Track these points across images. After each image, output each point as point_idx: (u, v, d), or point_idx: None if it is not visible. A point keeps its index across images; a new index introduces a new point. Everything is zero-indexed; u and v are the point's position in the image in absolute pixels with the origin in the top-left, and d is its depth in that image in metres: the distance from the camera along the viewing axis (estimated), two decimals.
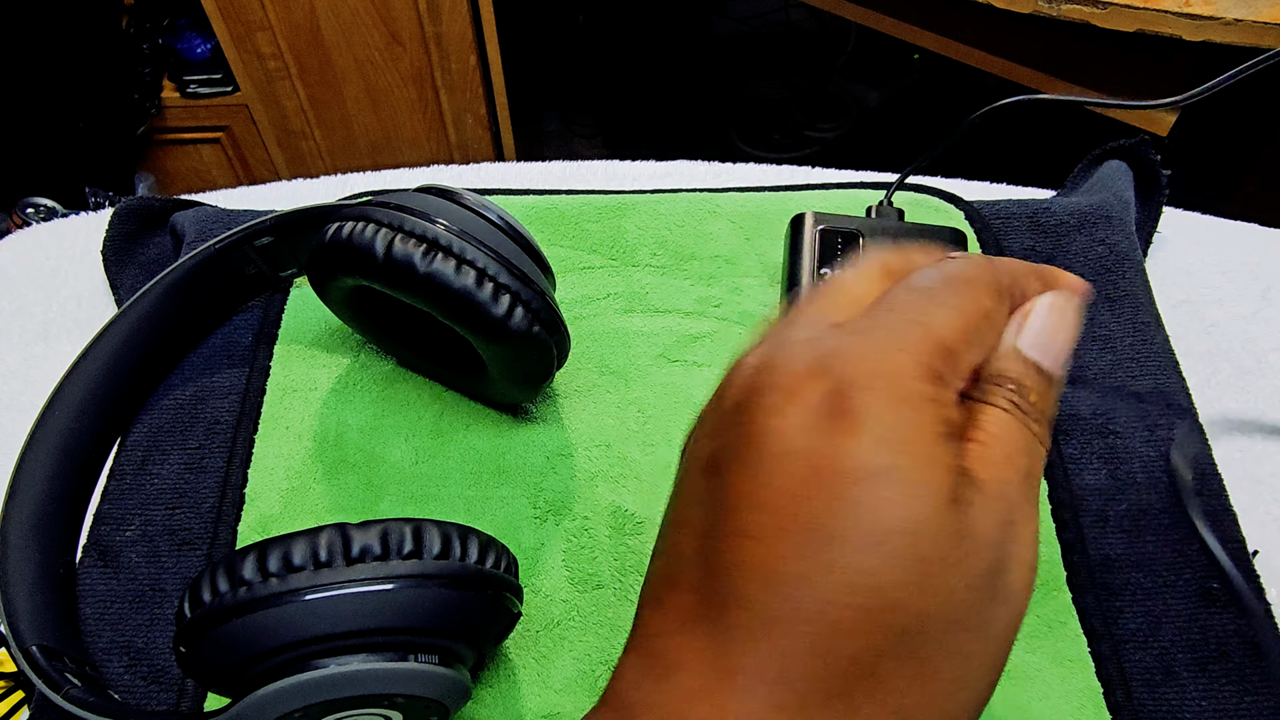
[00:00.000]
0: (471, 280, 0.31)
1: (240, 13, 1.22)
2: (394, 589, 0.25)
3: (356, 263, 0.32)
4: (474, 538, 0.27)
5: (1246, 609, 0.32)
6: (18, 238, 0.52)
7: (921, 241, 0.41)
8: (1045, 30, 0.85)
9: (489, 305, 0.31)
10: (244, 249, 0.40)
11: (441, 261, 0.31)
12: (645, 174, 0.52)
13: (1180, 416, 0.39)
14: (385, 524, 0.26)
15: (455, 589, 0.26)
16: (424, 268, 0.31)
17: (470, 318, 0.31)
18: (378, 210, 0.32)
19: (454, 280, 0.31)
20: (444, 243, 0.31)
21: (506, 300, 0.31)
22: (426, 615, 0.26)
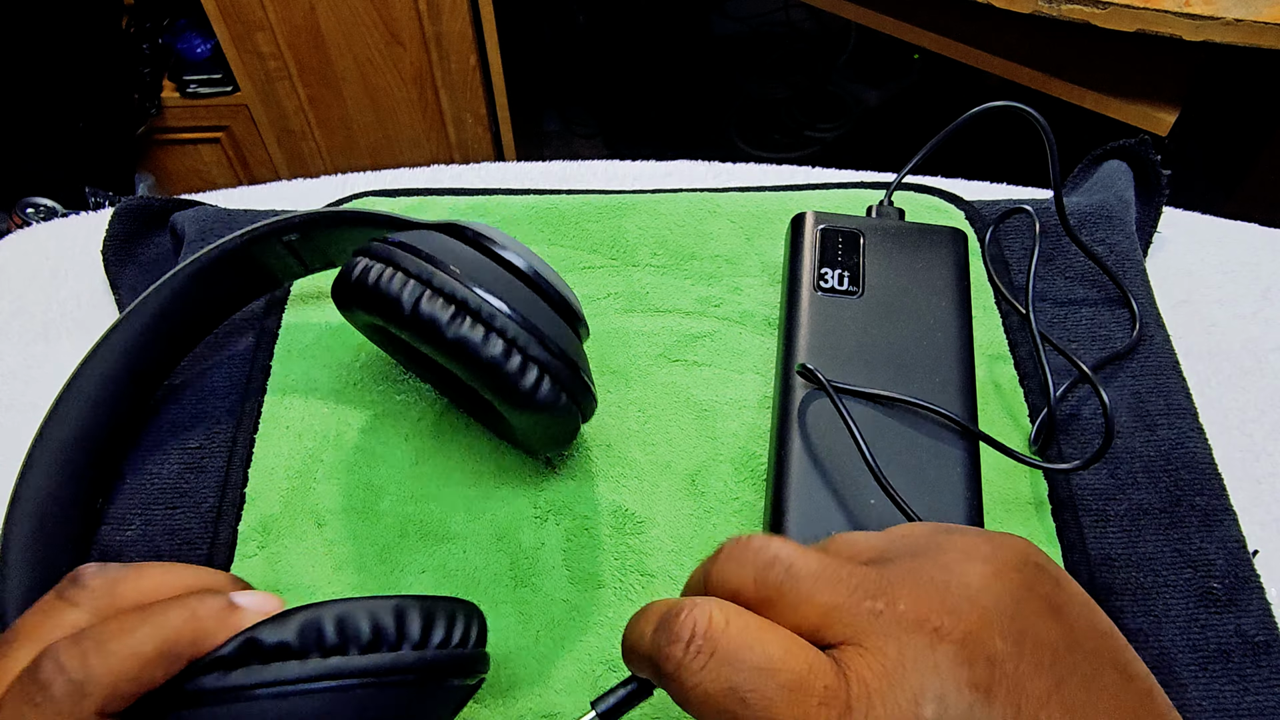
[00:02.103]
0: (499, 351, 0.30)
1: (240, 13, 1.22)
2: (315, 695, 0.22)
3: (380, 310, 0.30)
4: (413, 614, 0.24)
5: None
6: (18, 238, 0.52)
7: (922, 241, 0.41)
8: (1045, 30, 0.85)
9: (516, 378, 0.30)
10: (271, 243, 0.39)
11: (470, 328, 0.29)
12: (645, 174, 0.52)
13: (1180, 416, 0.39)
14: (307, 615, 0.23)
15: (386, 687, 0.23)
16: (451, 333, 0.29)
17: (496, 388, 0.30)
18: (406, 257, 0.30)
19: (482, 350, 0.29)
20: (473, 306, 0.30)
21: (534, 373, 0.30)
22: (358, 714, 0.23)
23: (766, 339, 0.41)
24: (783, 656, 0.19)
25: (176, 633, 0.22)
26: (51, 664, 0.21)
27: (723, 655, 0.20)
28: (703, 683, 0.19)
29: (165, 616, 0.22)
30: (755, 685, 0.19)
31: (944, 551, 0.21)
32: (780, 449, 0.35)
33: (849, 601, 0.20)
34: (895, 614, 0.20)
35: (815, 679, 0.19)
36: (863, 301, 0.39)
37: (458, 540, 0.36)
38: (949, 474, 0.34)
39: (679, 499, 0.37)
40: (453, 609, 0.25)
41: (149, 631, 0.21)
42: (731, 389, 0.40)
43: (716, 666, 0.19)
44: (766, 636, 0.20)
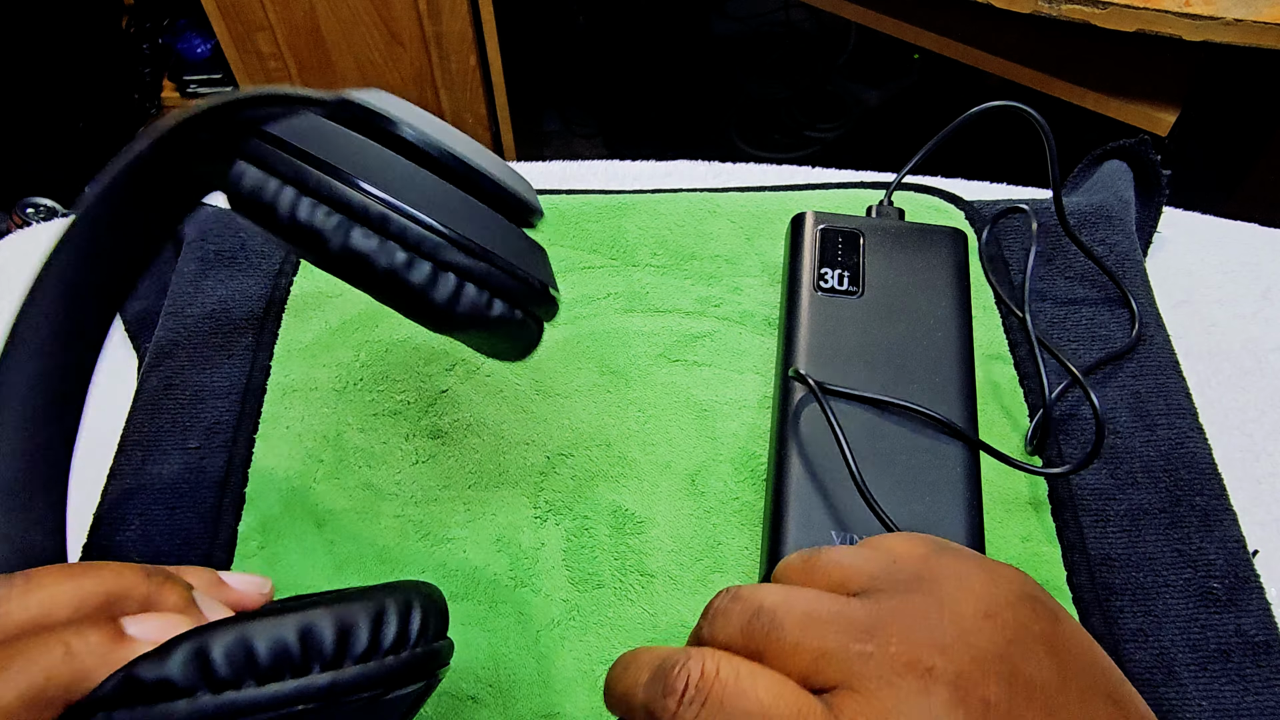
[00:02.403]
0: (401, 260, 0.24)
1: (240, 13, 1.22)
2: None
3: (262, 220, 0.24)
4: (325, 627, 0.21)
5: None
6: (18, 238, 0.52)
7: (922, 241, 0.41)
8: (1045, 30, 0.85)
9: (428, 291, 0.24)
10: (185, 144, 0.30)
11: (361, 238, 0.23)
12: (645, 174, 0.52)
13: (1181, 416, 0.39)
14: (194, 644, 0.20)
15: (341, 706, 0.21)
16: (338, 244, 0.23)
17: (407, 307, 0.25)
18: (280, 156, 0.24)
19: (379, 260, 0.23)
20: (359, 208, 0.23)
21: (451, 282, 0.24)
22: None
23: (766, 339, 0.41)
24: (773, 701, 0.19)
25: (48, 676, 0.19)
26: None
27: (714, 703, 0.19)
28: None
29: (33, 656, 0.19)
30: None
31: (938, 584, 0.21)
32: (780, 449, 0.35)
33: (838, 645, 0.20)
34: (887, 655, 0.19)
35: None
36: (863, 301, 0.39)
37: (457, 540, 0.36)
38: (948, 475, 0.34)
39: (679, 499, 0.37)
40: (381, 605, 0.22)
41: (17, 677, 0.19)
42: (731, 389, 0.40)
43: (709, 714, 0.19)
44: (758, 683, 0.20)
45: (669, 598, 0.34)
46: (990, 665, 0.19)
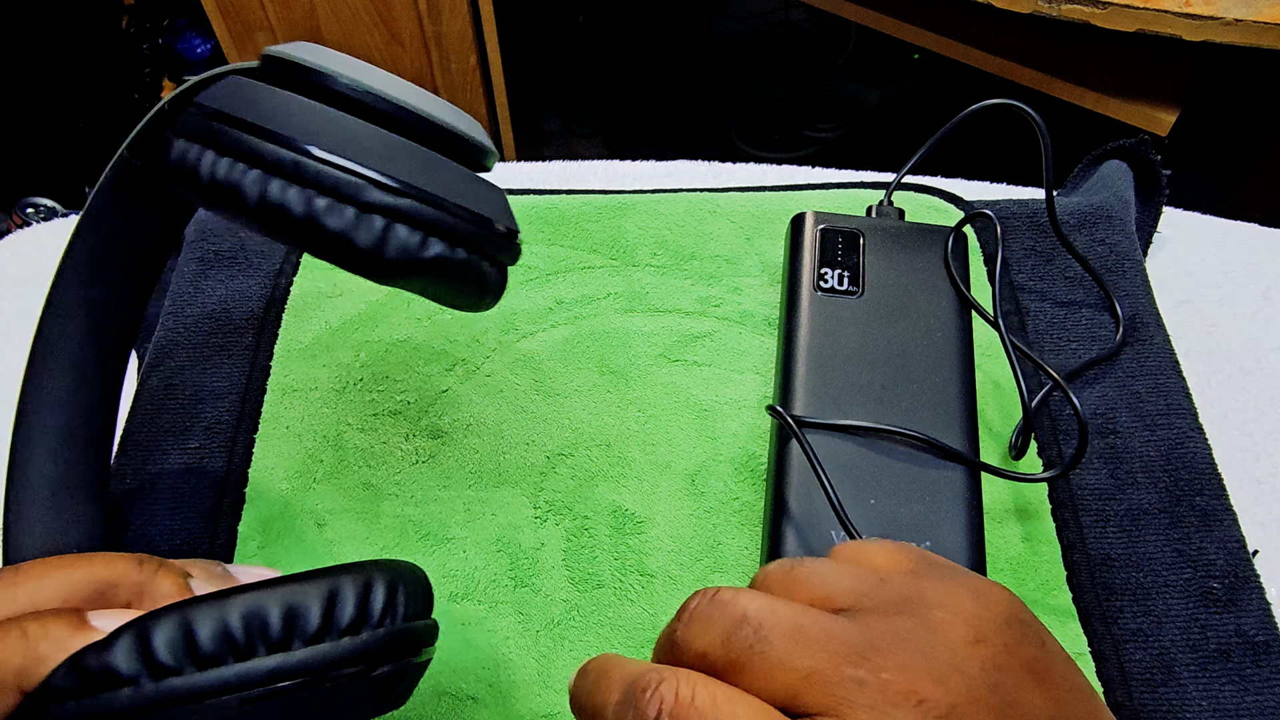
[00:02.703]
0: (320, 205, 0.22)
1: (240, 12, 1.22)
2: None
3: (191, 187, 0.24)
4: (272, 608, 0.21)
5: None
6: (18, 238, 0.52)
7: (922, 241, 0.41)
8: (1045, 30, 0.85)
9: (350, 234, 0.22)
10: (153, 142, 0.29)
11: (279, 189, 0.22)
12: (645, 174, 0.52)
13: (1180, 416, 0.39)
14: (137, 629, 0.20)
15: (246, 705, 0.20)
16: (254, 197, 0.22)
17: (336, 255, 0.23)
18: (199, 123, 0.23)
19: (295, 208, 0.22)
20: (271, 159, 0.22)
21: (377, 224, 0.23)
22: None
23: (766, 339, 0.41)
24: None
25: (2, 661, 0.19)
26: None
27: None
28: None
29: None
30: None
31: (927, 607, 0.20)
32: (780, 450, 0.35)
33: (829, 667, 0.19)
34: (880, 683, 0.18)
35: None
36: (863, 301, 0.39)
37: (457, 541, 0.36)
38: (948, 478, 0.34)
39: (679, 499, 0.37)
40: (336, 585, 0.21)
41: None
42: (731, 389, 0.40)
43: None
44: (736, 710, 0.18)
45: (669, 598, 0.34)
46: (983, 697, 0.19)
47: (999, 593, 0.21)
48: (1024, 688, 0.19)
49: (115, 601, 0.22)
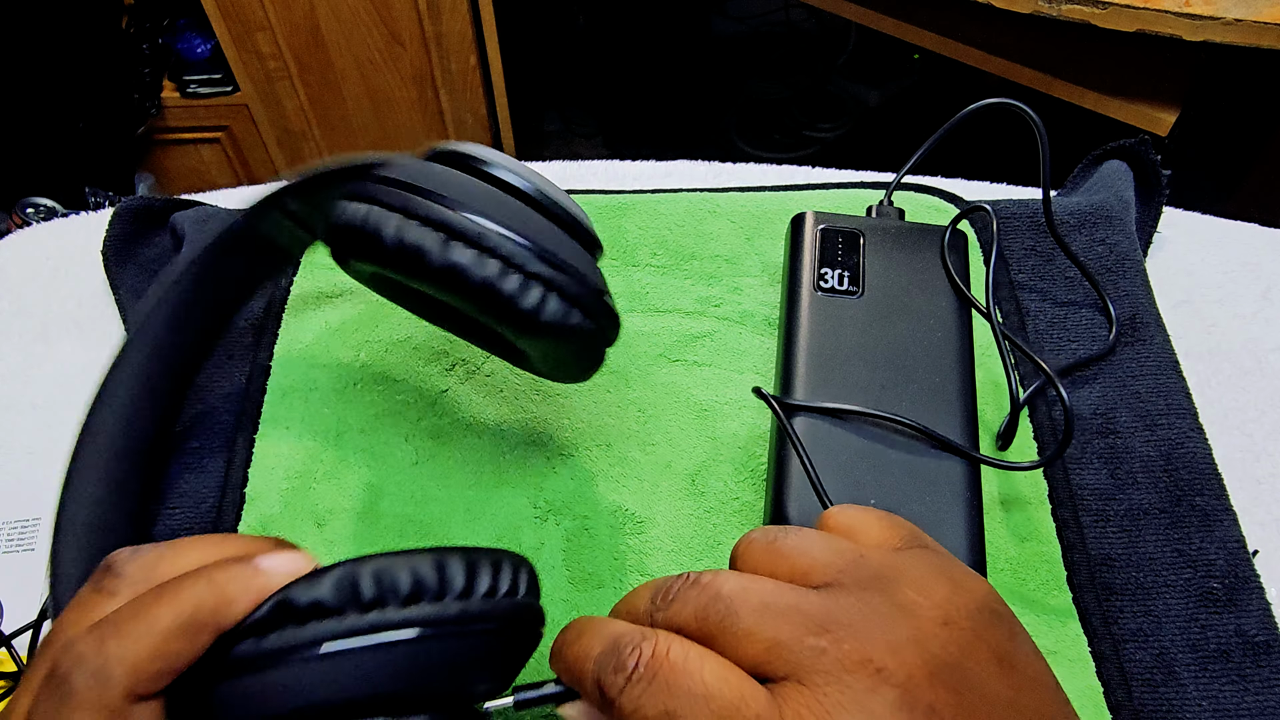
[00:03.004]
0: (494, 270, 0.27)
1: (240, 12, 1.22)
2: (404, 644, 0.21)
3: (366, 251, 0.28)
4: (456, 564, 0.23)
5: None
6: (18, 238, 0.52)
7: (922, 241, 0.41)
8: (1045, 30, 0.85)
9: (517, 298, 0.27)
10: (273, 215, 0.36)
11: (460, 251, 0.27)
12: (645, 174, 0.52)
13: (1180, 416, 0.39)
14: (342, 571, 0.22)
15: (430, 641, 0.22)
16: (438, 259, 0.27)
17: (497, 312, 0.28)
18: (386, 190, 0.28)
19: (473, 272, 0.27)
20: (457, 227, 0.27)
21: (537, 291, 0.27)
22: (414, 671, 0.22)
23: (766, 339, 0.41)
24: (718, 685, 0.20)
25: (196, 604, 0.21)
26: (69, 656, 0.20)
27: (661, 682, 0.20)
28: (640, 708, 0.20)
29: (182, 589, 0.21)
30: (689, 711, 0.20)
31: (900, 585, 0.21)
32: (779, 450, 0.35)
33: (791, 637, 0.20)
34: (839, 653, 0.20)
35: (748, 708, 0.19)
36: (863, 301, 0.39)
37: (457, 540, 0.36)
38: (947, 475, 0.34)
39: (679, 499, 0.37)
40: (498, 558, 0.24)
41: (166, 607, 0.21)
42: (731, 389, 0.40)
43: (655, 692, 0.20)
44: (705, 666, 0.20)
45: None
46: (941, 673, 0.19)
47: (976, 583, 0.22)
48: (986, 673, 0.20)
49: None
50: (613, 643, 0.21)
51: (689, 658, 0.20)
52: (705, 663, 0.20)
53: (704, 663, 0.20)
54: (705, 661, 0.20)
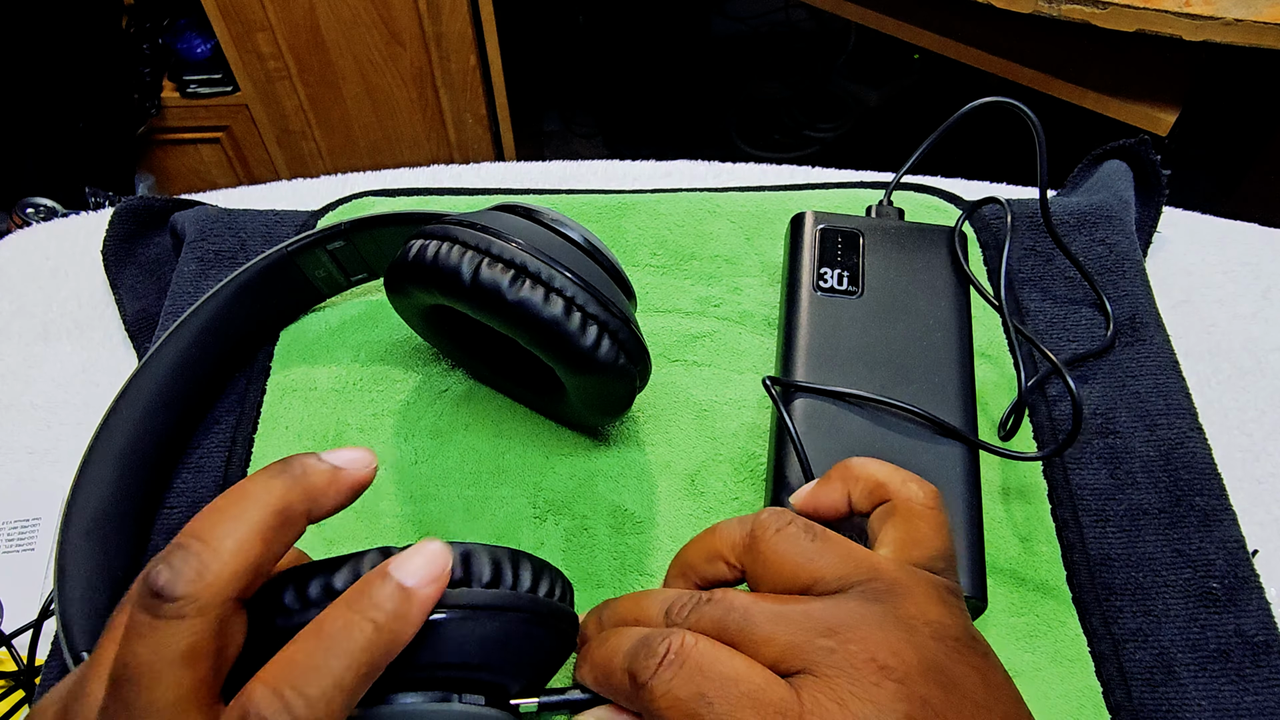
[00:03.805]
0: (560, 309, 0.30)
1: (240, 13, 1.22)
2: (446, 619, 0.23)
3: (441, 283, 0.31)
4: (526, 563, 0.25)
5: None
6: (18, 238, 0.52)
7: (921, 241, 0.41)
8: (1045, 30, 0.85)
9: (576, 336, 0.30)
10: (315, 252, 0.40)
11: (529, 289, 0.30)
12: (645, 174, 0.52)
13: (1180, 416, 0.39)
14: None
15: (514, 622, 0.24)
16: (512, 295, 0.30)
17: (557, 348, 0.31)
18: (462, 231, 0.31)
19: (542, 310, 0.30)
20: (532, 269, 0.30)
21: (594, 331, 0.31)
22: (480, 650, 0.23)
23: (766, 339, 0.41)
24: (745, 671, 0.22)
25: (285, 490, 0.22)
26: (271, 702, 0.20)
27: (692, 666, 0.23)
28: (673, 689, 0.22)
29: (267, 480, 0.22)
30: (720, 691, 0.22)
31: (902, 602, 0.24)
32: (779, 449, 0.35)
33: (804, 640, 0.23)
34: (846, 652, 0.22)
35: (772, 692, 0.22)
36: (862, 301, 0.39)
37: (457, 540, 0.36)
38: (946, 470, 0.34)
39: (679, 499, 0.37)
40: (555, 572, 0.26)
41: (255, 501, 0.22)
42: (731, 389, 0.40)
43: (687, 674, 0.22)
44: (731, 655, 0.23)
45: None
46: (932, 673, 0.22)
47: (962, 613, 0.25)
48: (968, 679, 0.23)
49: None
50: (643, 638, 0.24)
51: (716, 647, 0.23)
52: (733, 654, 0.23)
53: (732, 653, 0.23)
54: (731, 652, 0.23)
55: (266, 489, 0.22)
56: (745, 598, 0.24)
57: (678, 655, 0.23)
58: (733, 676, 0.22)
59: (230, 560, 0.21)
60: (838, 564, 0.25)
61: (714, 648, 0.23)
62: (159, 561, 0.21)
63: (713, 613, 0.24)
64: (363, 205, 0.47)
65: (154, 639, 0.20)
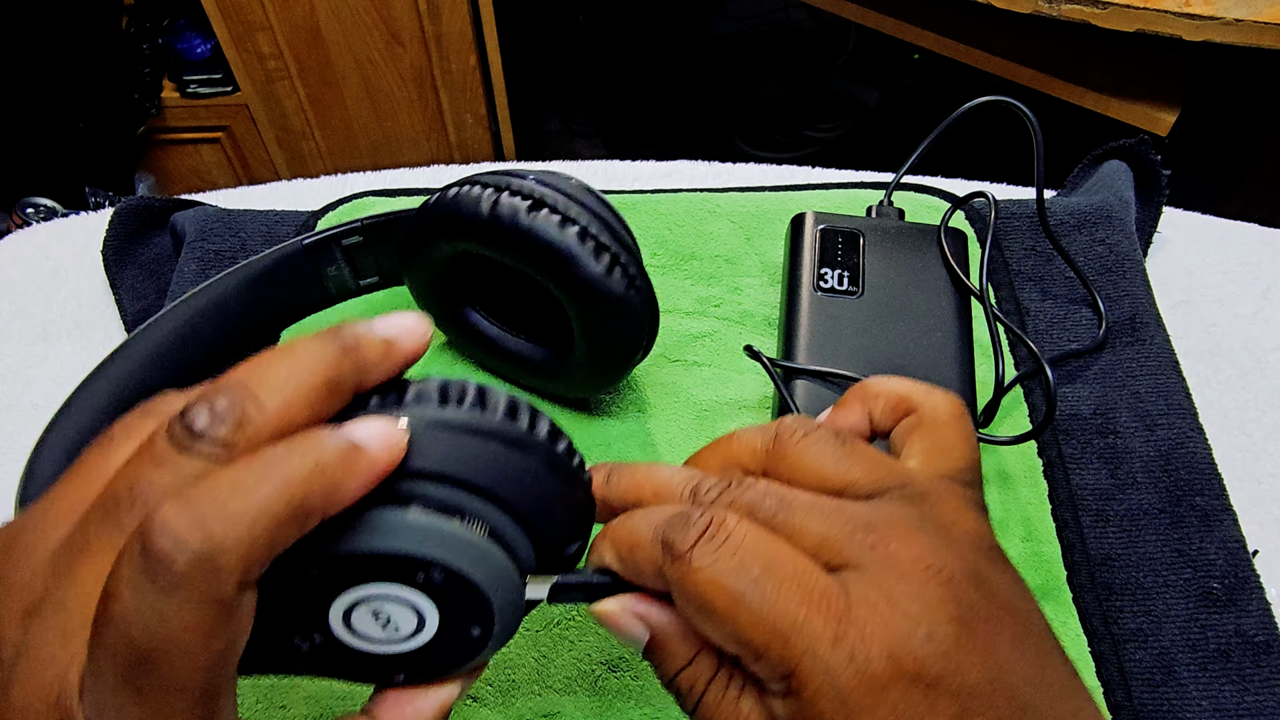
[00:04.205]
0: (574, 235, 0.32)
1: (240, 12, 1.22)
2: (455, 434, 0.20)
3: (461, 222, 0.32)
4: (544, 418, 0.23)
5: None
6: (18, 238, 0.52)
7: (921, 241, 0.41)
8: (1045, 30, 0.85)
9: (589, 261, 0.32)
10: (331, 248, 0.39)
11: (545, 217, 0.31)
12: (645, 174, 0.52)
13: (1180, 416, 0.39)
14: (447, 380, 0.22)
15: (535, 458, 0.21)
16: (527, 222, 0.31)
17: (569, 273, 0.32)
18: (482, 176, 0.33)
19: (557, 236, 0.31)
20: (549, 201, 0.32)
21: (607, 259, 0.32)
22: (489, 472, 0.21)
23: (766, 339, 0.41)
24: (790, 554, 0.21)
25: (306, 492, 0.18)
26: (166, 536, 0.17)
27: (733, 544, 0.21)
28: (714, 564, 0.20)
29: (288, 468, 0.18)
30: (763, 572, 0.20)
31: (937, 507, 0.23)
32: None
33: (842, 534, 0.21)
34: (887, 550, 0.21)
35: (816, 580, 0.20)
36: (862, 301, 0.39)
37: None
38: None
39: None
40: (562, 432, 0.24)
41: (276, 489, 0.18)
42: (731, 389, 0.40)
43: (729, 553, 0.20)
44: (774, 538, 0.21)
45: None
46: (976, 578, 0.21)
47: (990, 526, 0.24)
48: (1002, 586, 0.22)
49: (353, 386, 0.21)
50: (678, 512, 0.22)
51: (758, 529, 0.21)
52: (773, 535, 0.21)
53: (772, 535, 0.21)
54: (773, 535, 0.21)
55: (319, 355, 0.20)
56: (780, 485, 0.23)
57: (720, 531, 0.21)
58: (776, 559, 0.20)
59: (273, 419, 0.19)
60: (870, 469, 0.23)
61: (755, 528, 0.21)
62: (198, 400, 0.18)
63: (748, 496, 0.22)
64: (363, 205, 0.47)
65: (175, 471, 0.18)
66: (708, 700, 0.22)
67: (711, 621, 0.21)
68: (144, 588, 0.17)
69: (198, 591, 0.17)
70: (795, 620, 0.20)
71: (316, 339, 0.20)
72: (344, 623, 0.21)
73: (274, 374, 0.19)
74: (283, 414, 0.19)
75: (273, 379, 0.19)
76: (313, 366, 0.20)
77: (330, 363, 0.20)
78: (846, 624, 0.20)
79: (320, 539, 0.19)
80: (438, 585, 0.20)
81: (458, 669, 0.22)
